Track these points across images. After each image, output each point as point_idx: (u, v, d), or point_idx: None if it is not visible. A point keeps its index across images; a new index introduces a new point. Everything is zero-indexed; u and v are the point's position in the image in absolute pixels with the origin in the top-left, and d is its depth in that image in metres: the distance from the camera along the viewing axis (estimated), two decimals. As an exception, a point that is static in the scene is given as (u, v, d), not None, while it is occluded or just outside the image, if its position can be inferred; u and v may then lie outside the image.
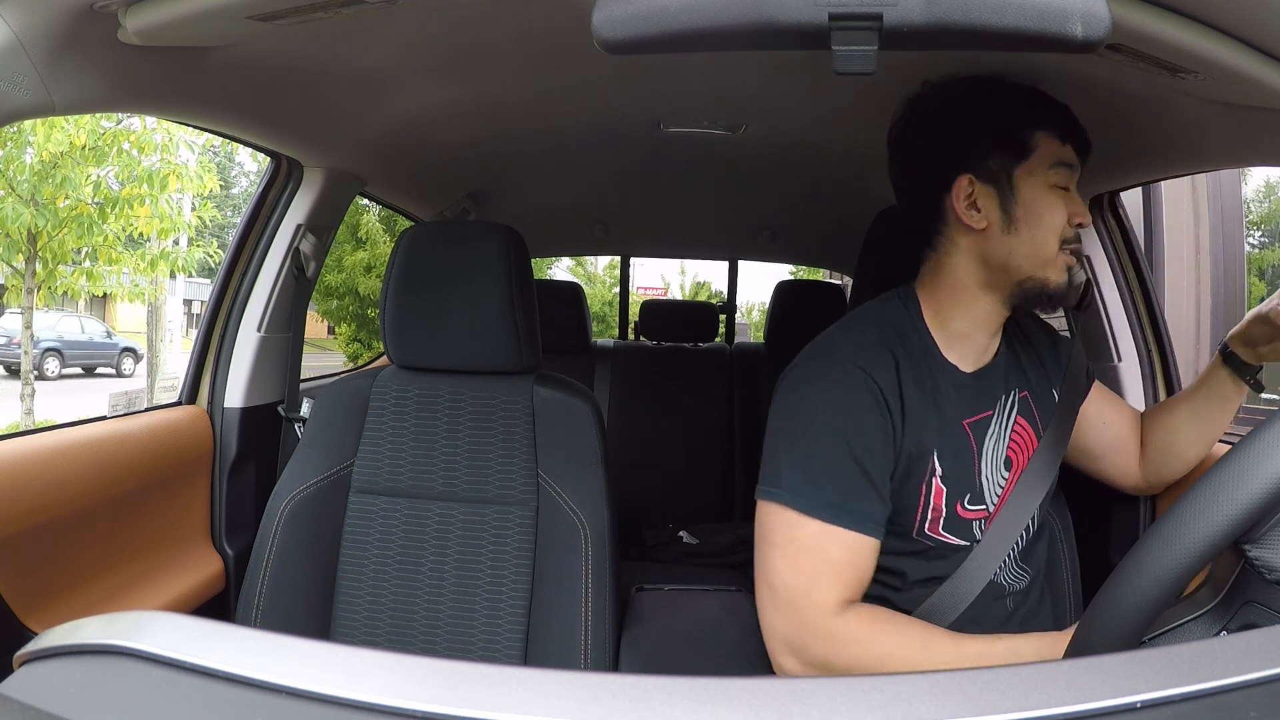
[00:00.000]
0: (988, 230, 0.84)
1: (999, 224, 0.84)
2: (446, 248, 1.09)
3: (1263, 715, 0.30)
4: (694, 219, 2.32)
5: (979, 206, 0.84)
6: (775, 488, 0.80)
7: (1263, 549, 0.47)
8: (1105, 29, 0.50)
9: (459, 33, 0.95)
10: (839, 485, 0.78)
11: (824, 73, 0.73)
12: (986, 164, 0.84)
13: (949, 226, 0.87)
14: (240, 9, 0.73)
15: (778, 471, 0.80)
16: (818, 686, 0.32)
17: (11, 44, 0.66)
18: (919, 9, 0.49)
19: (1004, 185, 0.83)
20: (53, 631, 0.38)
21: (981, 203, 0.84)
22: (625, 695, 0.31)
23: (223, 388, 1.31)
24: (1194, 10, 0.66)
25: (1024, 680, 0.31)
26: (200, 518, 1.27)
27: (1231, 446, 0.48)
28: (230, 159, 17.80)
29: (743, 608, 1.14)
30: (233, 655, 0.34)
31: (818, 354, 0.88)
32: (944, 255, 0.88)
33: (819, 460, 0.79)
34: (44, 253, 5.21)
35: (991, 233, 0.84)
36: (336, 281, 8.24)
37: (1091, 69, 0.84)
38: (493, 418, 1.10)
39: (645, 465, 2.11)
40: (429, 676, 0.32)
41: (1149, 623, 0.47)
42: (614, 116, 1.36)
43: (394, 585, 1.07)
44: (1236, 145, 0.93)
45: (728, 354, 2.34)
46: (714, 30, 0.52)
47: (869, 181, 1.70)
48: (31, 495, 0.93)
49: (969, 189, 0.84)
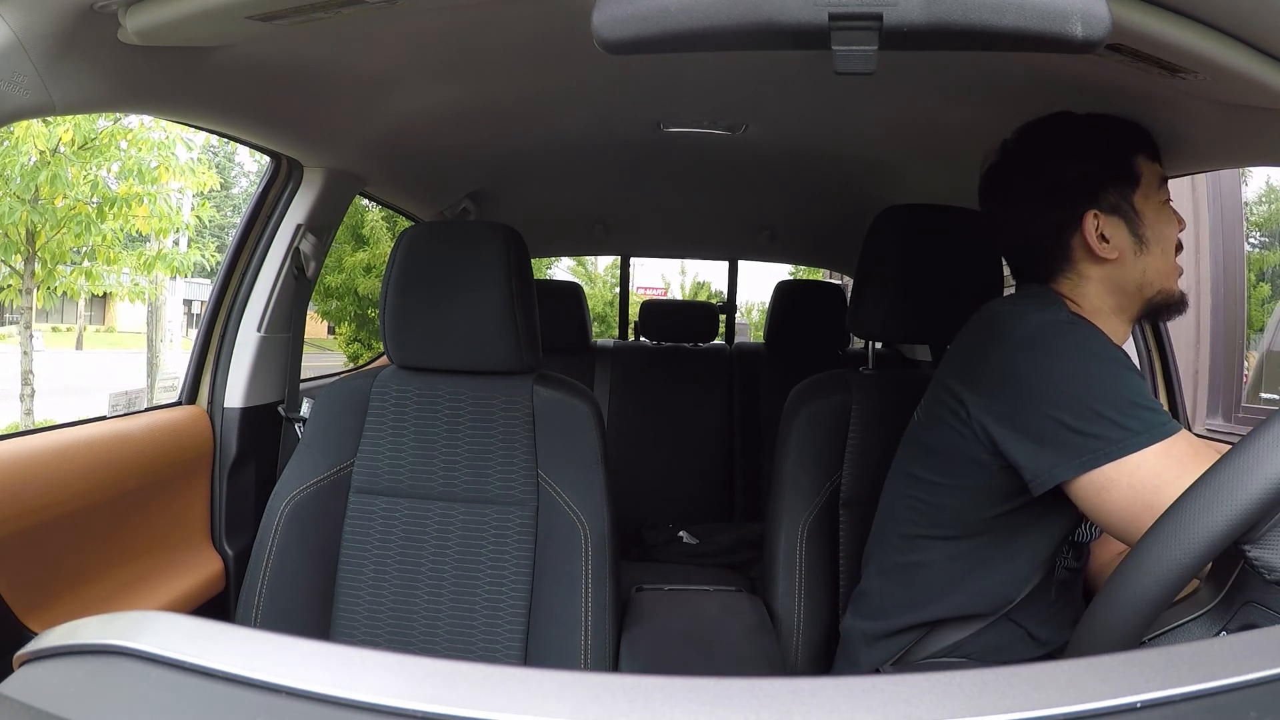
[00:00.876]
0: (1120, 258, 0.87)
1: (1131, 249, 0.87)
2: (446, 248, 1.09)
3: (1263, 715, 0.30)
4: (694, 219, 2.32)
5: (1108, 237, 0.87)
6: (1119, 442, 0.73)
7: (1263, 549, 0.47)
8: (1105, 29, 0.50)
9: (459, 33, 0.95)
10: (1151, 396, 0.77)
11: (824, 73, 0.73)
12: (1106, 197, 0.87)
13: (1078, 261, 0.89)
14: (240, 9, 0.73)
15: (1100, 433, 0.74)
16: (818, 686, 0.32)
17: (11, 44, 0.66)
18: (919, 9, 0.49)
19: (1129, 213, 0.87)
20: (53, 631, 0.38)
21: (1110, 233, 0.87)
22: (625, 695, 0.31)
23: (223, 388, 1.31)
24: (1194, 10, 0.66)
25: (1024, 680, 0.31)
26: (200, 518, 1.27)
27: (1231, 446, 0.48)
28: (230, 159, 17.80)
29: (743, 608, 1.14)
30: (233, 655, 0.34)
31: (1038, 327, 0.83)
32: (1074, 286, 0.90)
33: (1130, 388, 0.76)
34: (43, 253, 5.20)
35: (1125, 259, 0.87)
36: (336, 282, 8.24)
37: (1091, 69, 0.84)
38: (493, 418, 1.10)
39: (645, 465, 2.11)
40: (429, 676, 0.32)
41: (1149, 623, 0.47)
42: (614, 117, 1.36)
43: (394, 585, 1.07)
44: (1236, 145, 0.93)
45: (728, 354, 2.34)
46: (714, 30, 0.51)
47: (869, 181, 1.71)
48: (31, 495, 0.93)
49: (1095, 223, 0.87)
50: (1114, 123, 0.91)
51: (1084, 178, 0.87)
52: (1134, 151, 0.88)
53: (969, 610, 0.89)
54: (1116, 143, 0.89)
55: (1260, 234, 9.25)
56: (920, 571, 0.91)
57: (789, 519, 1.11)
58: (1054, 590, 0.90)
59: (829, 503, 1.11)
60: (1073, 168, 0.88)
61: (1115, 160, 0.88)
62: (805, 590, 1.09)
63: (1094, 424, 0.74)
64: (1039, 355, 0.80)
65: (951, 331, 1.16)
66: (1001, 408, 0.81)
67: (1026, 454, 0.78)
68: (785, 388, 1.24)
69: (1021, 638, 0.90)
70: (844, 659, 1.01)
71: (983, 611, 0.89)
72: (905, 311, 1.11)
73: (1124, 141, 0.89)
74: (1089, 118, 0.91)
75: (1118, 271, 0.88)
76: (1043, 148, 0.91)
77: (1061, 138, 0.90)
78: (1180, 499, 0.48)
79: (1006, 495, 0.84)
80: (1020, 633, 0.90)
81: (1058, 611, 0.91)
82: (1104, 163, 0.88)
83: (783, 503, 1.12)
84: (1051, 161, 0.89)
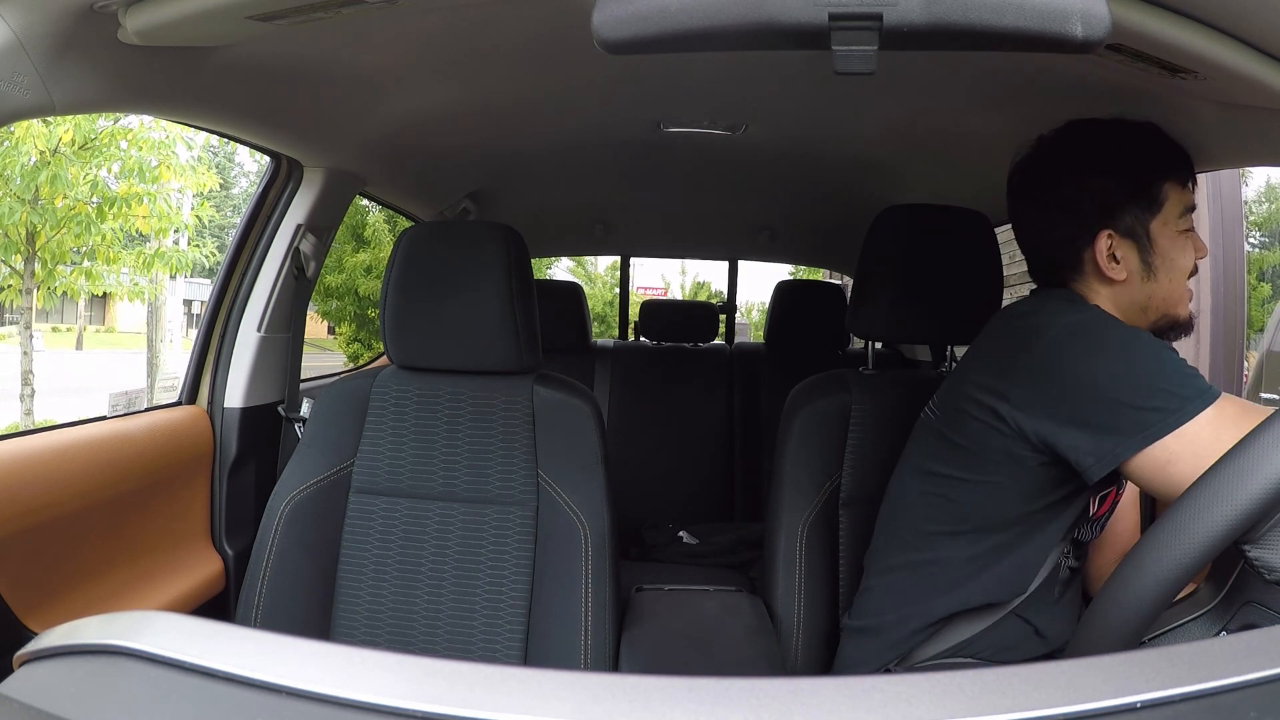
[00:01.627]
0: (1128, 280, 0.87)
1: (1139, 274, 0.87)
2: (446, 248, 1.09)
3: (1263, 715, 0.30)
4: (694, 219, 2.32)
5: (1119, 258, 0.87)
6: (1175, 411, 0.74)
7: (1263, 549, 0.47)
8: (1105, 29, 0.50)
9: (459, 33, 0.95)
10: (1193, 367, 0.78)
11: (824, 73, 0.73)
12: (1124, 219, 0.86)
13: (1087, 276, 0.89)
14: (240, 9, 0.73)
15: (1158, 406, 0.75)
16: (818, 686, 0.32)
17: (11, 44, 0.66)
18: (919, 9, 0.49)
19: (1142, 239, 0.86)
20: (53, 631, 0.38)
21: (1121, 255, 0.87)
22: (625, 695, 0.31)
23: (223, 388, 1.31)
24: (1194, 10, 0.66)
25: (1024, 680, 0.31)
26: (200, 518, 1.27)
27: (1231, 447, 0.48)
28: (230, 159, 17.80)
29: (743, 608, 1.14)
30: (233, 655, 0.34)
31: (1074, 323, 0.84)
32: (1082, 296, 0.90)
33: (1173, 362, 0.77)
34: (43, 253, 5.20)
35: (1131, 282, 0.87)
36: (337, 282, 8.24)
37: (1092, 69, 0.84)
38: (493, 418, 1.10)
39: (645, 465, 2.11)
40: (429, 676, 0.32)
41: (1149, 623, 0.48)
42: (614, 117, 1.36)
43: (394, 585, 1.07)
44: (1236, 145, 0.93)
45: (728, 354, 2.34)
46: (714, 30, 0.51)
47: (869, 182, 1.71)
48: (31, 495, 0.93)
49: (1108, 243, 0.86)
50: (1148, 141, 0.88)
51: (1103, 195, 0.86)
52: (1161, 176, 0.86)
53: (978, 603, 0.89)
54: (1143, 164, 0.87)
55: (1260, 234, 9.25)
56: (934, 568, 0.91)
57: (789, 519, 1.11)
58: (1058, 588, 0.91)
59: (829, 503, 1.11)
60: (1095, 183, 0.87)
61: (1138, 182, 0.86)
62: (805, 590, 1.09)
63: (1152, 398, 0.75)
64: (1084, 346, 0.80)
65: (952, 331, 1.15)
66: (1048, 402, 0.80)
67: (1083, 441, 0.78)
68: (785, 388, 1.24)
69: (1029, 635, 0.90)
70: (844, 659, 1.01)
71: (991, 604, 0.89)
72: (905, 311, 1.11)
73: (1152, 164, 0.87)
74: (1123, 129, 0.89)
75: (1123, 292, 0.88)
76: (1069, 156, 0.90)
77: (1090, 149, 0.89)
78: (1180, 499, 0.48)
79: (1041, 491, 0.85)
80: (1028, 629, 0.90)
81: (1062, 609, 0.91)
82: (1126, 183, 0.86)
83: (783, 503, 1.12)
84: (1073, 174, 0.88)
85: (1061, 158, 0.90)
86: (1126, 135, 0.89)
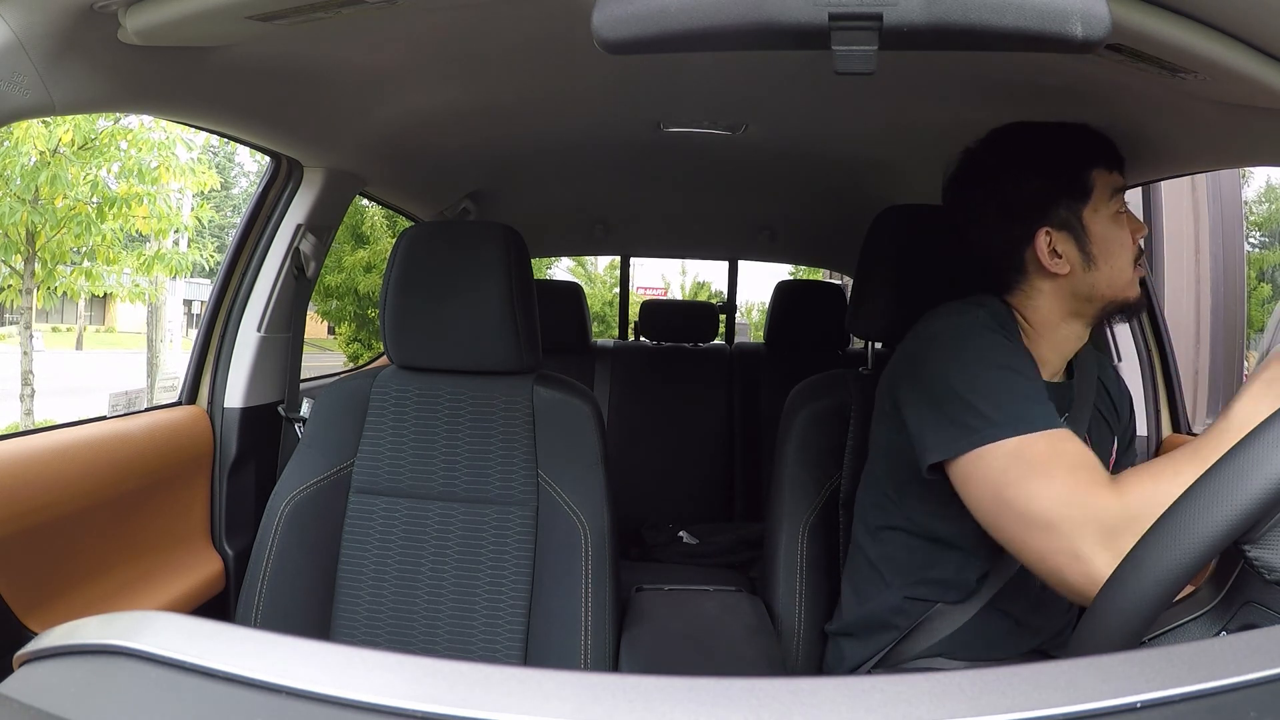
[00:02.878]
0: (1071, 273, 0.88)
1: (1080, 264, 0.88)
2: (446, 248, 1.09)
3: (1263, 715, 0.30)
4: (694, 219, 2.32)
5: (1059, 253, 0.88)
6: (979, 432, 0.76)
7: (1263, 549, 0.47)
8: (1105, 29, 0.50)
9: (459, 33, 0.95)
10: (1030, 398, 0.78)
11: (824, 73, 0.73)
12: (1058, 213, 0.87)
13: (1031, 274, 0.90)
14: (240, 9, 0.73)
15: (966, 422, 0.77)
16: (818, 686, 0.32)
17: (11, 44, 0.66)
18: (919, 9, 0.49)
19: (1077, 229, 0.87)
20: (53, 631, 0.38)
21: (1061, 249, 0.88)
22: (625, 695, 0.31)
23: (223, 388, 1.31)
24: (1194, 10, 0.66)
25: (1024, 680, 0.31)
26: (200, 518, 1.27)
27: (1231, 447, 0.47)
28: (230, 159, 17.80)
29: (743, 608, 1.14)
30: (233, 655, 0.34)
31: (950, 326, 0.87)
32: (1026, 298, 0.91)
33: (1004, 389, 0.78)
34: (43, 253, 5.20)
35: (1075, 274, 0.88)
36: (336, 282, 8.24)
37: (1091, 69, 0.84)
38: (493, 418, 1.10)
39: (645, 465, 2.11)
40: (429, 676, 0.32)
41: (1149, 623, 0.47)
42: (614, 117, 1.36)
43: (394, 585, 1.07)
44: (1236, 145, 0.93)
45: (728, 354, 2.34)
46: (714, 30, 0.52)
47: (869, 182, 1.71)
48: (31, 495, 0.93)
49: (1047, 239, 0.88)
50: (1070, 134, 0.90)
51: (1037, 194, 0.88)
52: (1088, 164, 0.88)
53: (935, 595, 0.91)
54: (1070, 156, 0.89)
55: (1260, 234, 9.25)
56: (886, 563, 0.95)
57: (789, 519, 1.11)
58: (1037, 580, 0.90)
59: (829, 503, 1.11)
60: (1027, 183, 0.89)
61: (1068, 175, 0.88)
62: (805, 590, 1.09)
63: (964, 413, 0.78)
64: (939, 351, 0.84)
65: None
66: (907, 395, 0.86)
67: (915, 438, 0.83)
68: (785, 388, 1.24)
69: (1011, 628, 0.91)
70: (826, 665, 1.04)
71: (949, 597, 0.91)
72: (905, 312, 1.11)
73: (1078, 154, 0.89)
74: (1047, 129, 0.91)
75: (1067, 284, 0.89)
76: (1000, 161, 0.91)
77: (1018, 151, 0.91)
78: (1180, 499, 0.48)
79: None
80: (1009, 623, 0.91)
81: (1046, 599, 0.91)
82: (1057, 178, 0.88)
83: (783, 503, 1.12)
84: (1007, 175, 0.90)
85: (993, 162, 0.92)
86: (1049, 133, 0.91)
